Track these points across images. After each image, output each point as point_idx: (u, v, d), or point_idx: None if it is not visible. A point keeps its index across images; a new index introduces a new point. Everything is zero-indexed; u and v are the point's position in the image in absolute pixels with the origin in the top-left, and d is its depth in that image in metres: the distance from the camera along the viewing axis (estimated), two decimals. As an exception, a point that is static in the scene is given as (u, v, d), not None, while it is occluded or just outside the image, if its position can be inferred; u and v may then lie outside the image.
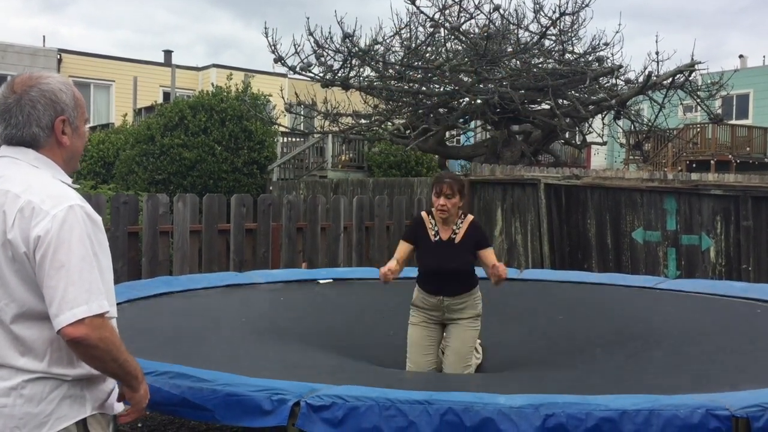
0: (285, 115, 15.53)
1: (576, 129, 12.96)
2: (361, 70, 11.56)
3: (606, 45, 11.45)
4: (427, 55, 11.35)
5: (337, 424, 2.18)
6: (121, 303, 2.82)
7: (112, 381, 1.93)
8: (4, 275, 1.74)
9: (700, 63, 10.73)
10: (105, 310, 1.73)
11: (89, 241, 1.74)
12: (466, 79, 10.97)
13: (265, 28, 10.76)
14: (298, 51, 10.85)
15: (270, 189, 12.83)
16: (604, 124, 13.14)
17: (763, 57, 29.70)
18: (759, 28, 57.86)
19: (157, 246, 6.59)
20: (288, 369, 2.63)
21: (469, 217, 4.18)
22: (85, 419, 1.82)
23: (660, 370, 3.20)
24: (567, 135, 13.39)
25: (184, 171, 12.34)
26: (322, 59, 11.15)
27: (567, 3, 10.66)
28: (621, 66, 11.29)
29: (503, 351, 4.02)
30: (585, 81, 10.77)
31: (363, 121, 12.67)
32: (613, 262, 8.61)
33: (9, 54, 21.02)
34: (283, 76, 20.48)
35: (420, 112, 11.91)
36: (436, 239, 4.09)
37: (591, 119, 12.43)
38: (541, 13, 10.79)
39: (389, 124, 12.95)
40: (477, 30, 11.38)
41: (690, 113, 19.82)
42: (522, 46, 11.05)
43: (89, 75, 22.62)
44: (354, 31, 10.77)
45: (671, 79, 10.95)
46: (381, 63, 11.28)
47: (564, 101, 11.45)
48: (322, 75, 11.24)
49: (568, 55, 11.40)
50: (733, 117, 23.92)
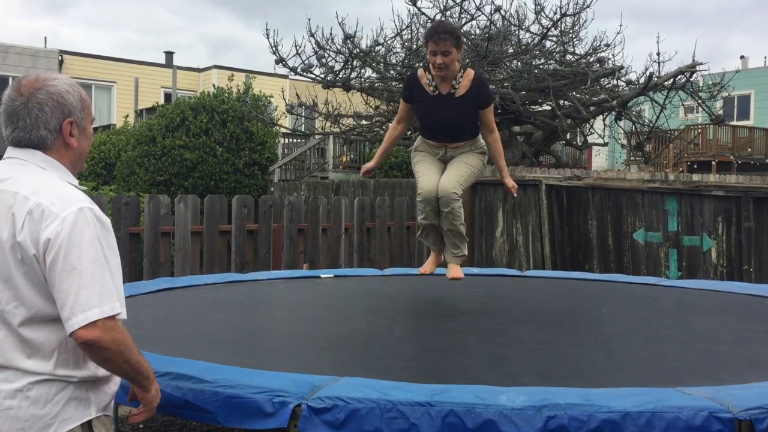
0: (286, 116, 15.55)
1: (577, 130, 12.97)
2: (363, 71, 11.57)
3: (607, 46, 11.46)
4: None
5: (339, 426, 2.18)
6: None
7: (115, 383, 1.94)
8: (13, 278, 1.74)
9: (701, 64, 10.73)
10: (117, 312, 1.74)
11: (99, 244, 1.75)
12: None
13: (267, 29, 10.80)
14: (299, 52, 10.87)
15: (271, 190, 12.83)
16: (605, 125, 13.15)
17: (765, 58, 29.72)
18: (760, 28, 57.86)
19: (159, 247, 6.60)
20: (289, 369, 2.63)
21: (470, 71, 3.92)
22: (90, 421, 1.82)
23: (663, 360, 3.20)
24: (568, 136, 13.40)
25: (185, 172, 12.35)
26: (323, 60, 11.16)
27: (568, 4, 10.69)
28: (622, 67, 11.31)
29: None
30: (586, 82, 10.78)
31: (364, 122, 12.68)
32: (615, 263, 8.61)
33: (10, 55, 21.06)
34: (285, 77, 20.50)
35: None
36: (435, 93, 3.89)
37: (592, 120, 12.43)
38: (542, 14, 10.82)
39: (390, 125, 12.94)
40: (478, 31, 11.39)
41: (691, 114, 19.82)
42: (523, 47, 11.06)
43: (91, 76, 22.66)
44: (355, 32, 10.79)
45: (672, 80, 10.96)
46: (382, 64, 11.29)
47: (565, 102, 11.46)
48: (323, 76, 11.25)
49: (569, 56, 11.40)
50: (735, 118, 23.94)
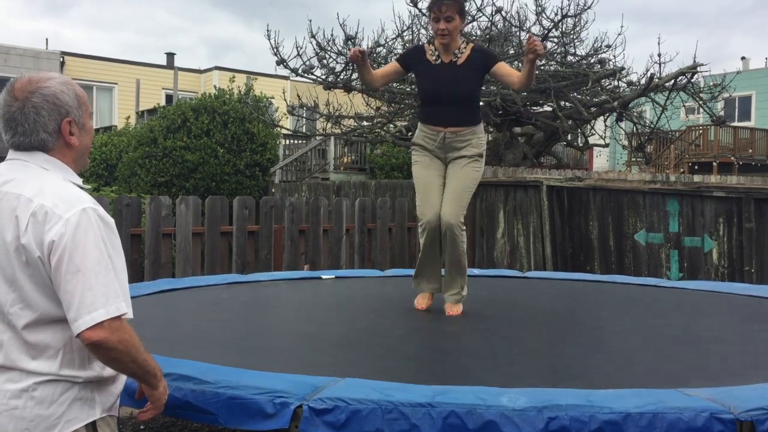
0: (287, 118, 15.55)
1: (578, 131, 12.97)
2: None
3: (608, 47, 11.46)
4: (430, 57, 11.36)
5: (340, 427, 2.17)
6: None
7: (120, 384, 1.94)
8: (18, 280, 1.74)
9: (702, 65, 10.73)
10: (123, 312, 1.74)
11: (103, 244, 1.75)
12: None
13: (268, 30, 10.81)
14: (300, 53, 10.88)
15: (272, 191, 12.84)
16: (606, 126, 13.15)
17: (766, 59, 29.70)
18: (762, 29, 57.84)
19: (160, 248, 6.60)
20: (290, 370, 2.63)
21: (471, 45, 4.04)
22: (95, 422, 1.83)
23: (664, 361, 3.20)
24: (569, 137, 13.40)
25: (186, 173, 12.36)
26: (324, 61, 11.17)
27: (569, 5, 10.68)
28: (623, 68, 11.30)
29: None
30: (587, 83, 10.77)
31: (365, 123, 12.69)
32: (616, 264, 8.60)
33: (12, 57, 21.08)
34: (286, 78, 20.49)
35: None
36: (437, 62, 3.95)
37: (593, 121, 12.43)
38: (543, 16, 10.82)
39: (391, 126, 12.96)
40: (479, 32, 11.39)
41: (692, 115, 19.81)
42: (524, 48, 11.05)
43: (92, 77, 22.68)
44: (356, 33, 10.81)
45: (673, 81, 10.95)
46: (383, 65, 11.29)
47: (566, 103, 11.46)
48: (324, 77, 11.26)
49: (570, 57, 11.40)
50: (736, 119, 23.94)
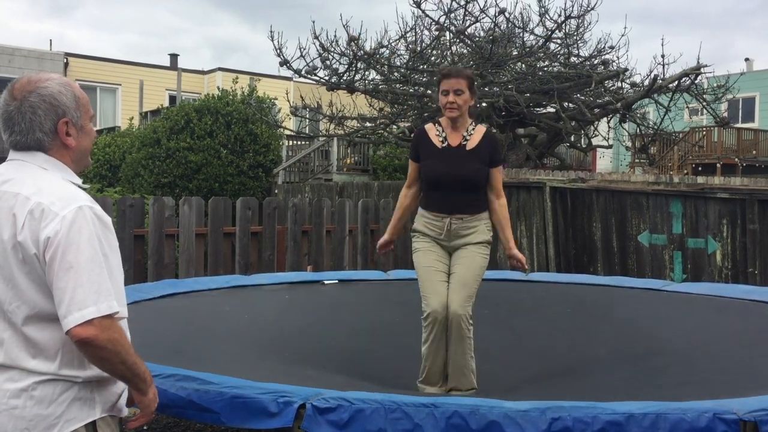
0: (290, 119, 15.56)
1: (581, 132, 12.95)
2: (367, 73, 11.57)
3: (611, 48, 11.45)
4: (433, 59, 11.36)
5: (343, 426, 2.18)
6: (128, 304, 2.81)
7: (121, 383, 1.93)
8: (15, 277, 1.75)
9: (706, 66, 10.70)
10: (114, 311, 1.74)
11: (98, 242, 1.74)
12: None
13: (271, 31, 10.82)
14: (303, 54, 10.88)
15: (275, 192, 12.84)
16: (609, 127, 13.13)
17: (770, 60, 29.58)
18: (765, 31, 57.69)
19: (163, 249, 6.61)
20: (294, 370, 2.63)
21: (482, 127, 3.80)
22: (95, 422, 1.82)
23: (667, 372, 3.19)
24: (572, 138, 13.38)
25: (189, 174, 12.37)
26: (327, 62, 11.17)
27: (572, 6, 10.67)
28: (627, 69, 11.27)
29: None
30: (590, 84, 10.76)
31: (368, 125, 12.68)
32: (619, 265, 8.59)
33: (16, 58, 21.13)
34: (289, 79, 20.50)
35: (425, 115, 11.91)
36: (443, 145, 3.70)
37: (596, 122, 12.41)
38: (547, 17, 10.81)
39: (394, 127, 12.96)
40: (482, 33, 11.39)
41: (696, 116, 19.78)
42: (527, 49, 11.05)
43: (96, 78, 22.72)
44: (359, 35, 10.78)
45: (677, 82, 10.93)
46: (386, 66, 11.29)
47: (569, 104, 11.44)
48: (327, 78, 11.25)
49: (573, 59, 11.39)
50: (739, 120, 23.87)
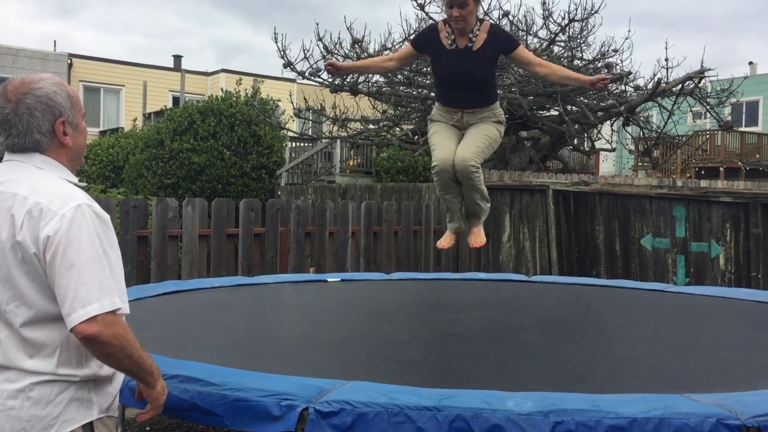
0: (294, 120, 15.58)
1: (585, 135, 12.95)
2: (370, 75, 11.58)
3: (615, 51, 11.45)
4: (436, 61, 11.36)
5: (346, 430, 2.17)
6: (130, 301, 2.83)
7: (118, 383, 1.94)
8: (13, 277, 1.75)
9: (709, 70, 10.70)
10: (117, 306, 1.74)
11: (98, 239, 1.75)
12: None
13: (275, 33, 10.81)
14: (307, 56, 10.89)
15: (278, 194, 12.86)
16: (612, 130, 13.13)
17: (773, 64, 29.55)
18: (769, 34, 57.65)
19: (166, 250, 6.61)
20: (296, 373, 2.63)
21: (486, 23, 3.92)
22: (92, 422, 1.83)
23: (670, 368, 3.19)
24: (576, 141, 13.38)
25: (193, 175, 12.39)
26: (331, 64, 11.17)
27: (576, 9, 10.68)
28: (630, 72, 11.28)
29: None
30: (594, 87, 10.75)
31: (371, 127, 12.69)
32: (622, 268, 8.58)
33: (20, 58, 21.19)
34: (292, 81, 20.54)
35: (428, 117, 11.93)
36: (452, 48, 3.87)
37: (600, 125, 12.41)
38: (551, 20, 10.82)
39: (398, 129, 12.97)
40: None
41: (699, 120, 19.77)
42: (531, 52, 11.04)
43: (100, 80, 22.78)
44: (363, 37, 10.81)
45: (681, 86, 10.93)
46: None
47: (573, 107, 11.44)
48: (330, 80, 11.27)
49: (577, 62, 11.39)
50: (743, 124, 23.85)
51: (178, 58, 26.15)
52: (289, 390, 2.30)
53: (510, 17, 10.83)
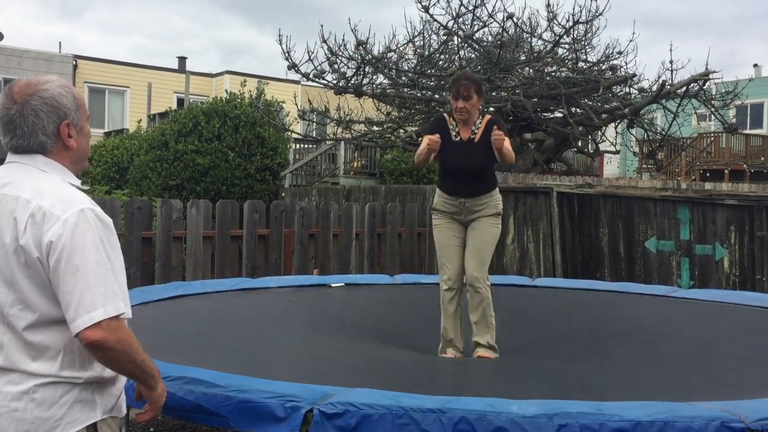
0: (298, 122, 15.58)
1: (589, 137, 12.94)
2: (374, 77, 11.60)
3: (619, 53, 11.44)
4: (441, 63, 11.38)
5: (350, 431, 2.18)
6: (135, 305, 2.83)
7: (121, 384, 1.94)
8: (17, 281, 1.75)
9: (714, 72, 10.69)
10: (121, 312, 1.74)
11: (102, 244, 1.75)
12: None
13: (279, 35, 10.83)
14: (311, 58, 10.91)
15: (282, 195, 12.86)
16: (617, 132, 13.11)
17: (778, 66, 29.45)
18: (774, 37, 57.50)
19: (171, 251, 6.63)
20: (300, 373, 2.64)
21: (487, 117, 4.24)
22: (96, 424, 1.83)
23: (673, 375, 3.18)
24: (580, 143, 13.36)
25: (197, 177, 12.40)
26: (335, 66, 11.19)
27: (581, 11, 10.67)
28: (635, 74, 11.27)
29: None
30: (598, 89, 10.75)
31: (375, 128, 12.70)
32: (626, 271, 8.57)
33: (25, 60, 21.25)
34: (297, 83, 20.56)
35: (432, 119, 11.93)
36: (456, 139, 4.17)
37: (604, 128, 12.39)
38: (555, 22, 10.81)
39: (402, 131, 12.97)
40: (490, 38, 11.39)
41: (704, 122, 19.72)
42: (535, 54, 11.05)
43: (104, 81, 22.82)
44: (367, 39, 10.81)
45: (685, 88, 10.91)
46: (394, 70, 11.30)
47: (577, 109, 11.44)
48: (335, 82, 11.28)
49: (581, 64, 11.39)
50: (748, 126, 23.79)
51: (182, 59, 26.18)
52: (294, 392, 2.31)
53: (514, 19, 10.83)
